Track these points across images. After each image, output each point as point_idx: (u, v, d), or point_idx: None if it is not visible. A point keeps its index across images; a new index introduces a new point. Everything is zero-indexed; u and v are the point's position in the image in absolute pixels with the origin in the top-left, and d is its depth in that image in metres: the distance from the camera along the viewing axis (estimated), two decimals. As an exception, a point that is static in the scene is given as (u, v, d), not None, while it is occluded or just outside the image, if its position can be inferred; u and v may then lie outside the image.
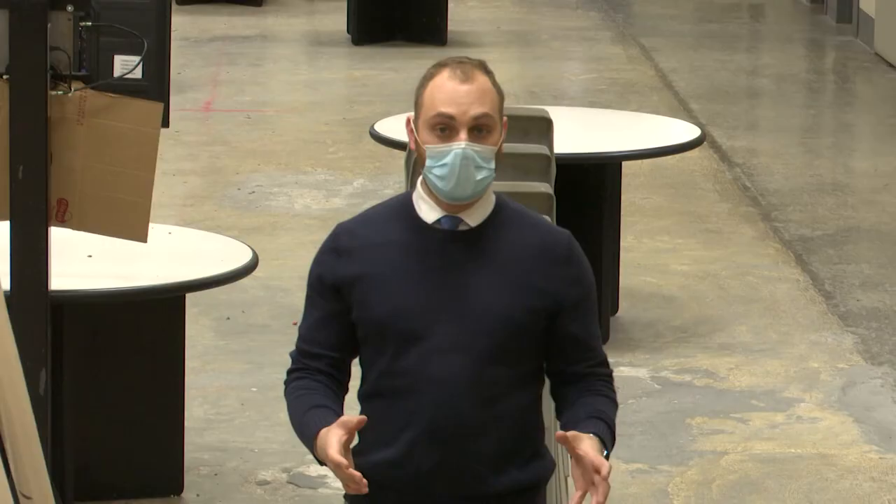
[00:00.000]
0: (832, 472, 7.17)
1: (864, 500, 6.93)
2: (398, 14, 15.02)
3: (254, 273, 6.98)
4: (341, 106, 12.95)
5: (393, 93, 12.72)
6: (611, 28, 16.28)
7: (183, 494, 6.77)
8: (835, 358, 8.35)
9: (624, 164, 8.71)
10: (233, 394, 7.68)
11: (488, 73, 3.94)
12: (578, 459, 3.75)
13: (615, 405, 4.02)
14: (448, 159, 3.82)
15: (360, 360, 3.99)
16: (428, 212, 3.92)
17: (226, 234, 7.56)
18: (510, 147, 7.33)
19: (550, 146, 7.41)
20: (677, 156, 9.24)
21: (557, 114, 7.73)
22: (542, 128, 7.45)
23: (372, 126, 8.62)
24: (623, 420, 7.25)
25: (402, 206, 3.98)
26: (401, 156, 8.09)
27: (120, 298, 6.57)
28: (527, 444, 3.97)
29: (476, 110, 3.86)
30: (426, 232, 3.92)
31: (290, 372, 4.02)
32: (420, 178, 3.94)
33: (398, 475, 3.88)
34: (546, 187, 7.30)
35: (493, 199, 3.97)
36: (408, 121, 3.94)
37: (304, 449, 3.90)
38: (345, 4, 15.44)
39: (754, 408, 7.77)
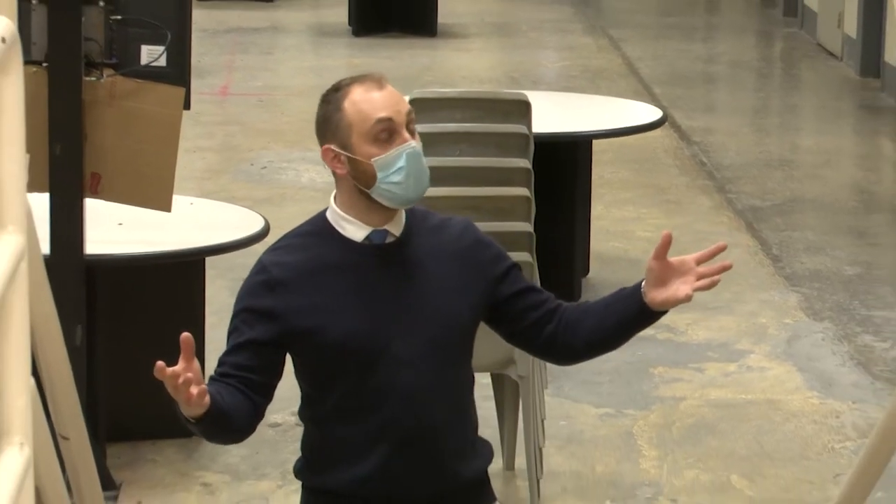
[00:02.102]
0: (778, 415, 7.19)
1: (806, 440, 6.95)
2: (393, 8, 14.99)
3: (265, 239, 6.97)
4: (342, 90, 12.94)
5: (390, 79, 12.69)
6: (582, 20, 16.25)
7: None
8: (781, 314, 8.36)
9: (594, 142, 8.70)
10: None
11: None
12: (675, 267, 3.78)
13: None
14: (402, 162, 3.62)
15: (307, 385, 3.79)
16: (354, 231, 3.71)
17: (240, 205, 7.56)
18: (494, 127, 7.36)
19: (529, 126, 7.40)
20: (641, 135, 9.23)
21: (535, 97, 7.71)
22: (522, 110, 7.45)
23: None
24: (592, 369, 7.31)
25: (323, 229, 3.77)
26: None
27: (146, 262, 6.57)
28: (474, 436, 3.88)
29: (405, 108, 3.68)
30: (356, 250, 3.70)
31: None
32: (333, 198, 3.76)
33: (372, 488, 3.70)
34: (525, 163, 7.30)
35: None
36: (325, 150, 3.68)
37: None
38: (346, 0, 15.45)
39: (709, 359, 7.79)
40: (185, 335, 3.50)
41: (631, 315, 3.72)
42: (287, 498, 6.22)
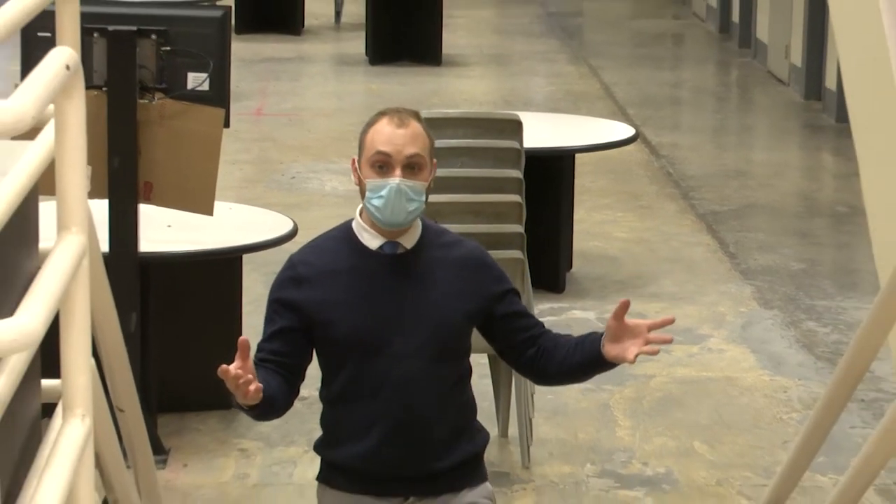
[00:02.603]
0: (735, 390, 7.18)
1: (758, 412, 6.94)
2: (404, 40, 14.95)
3: (294, 239, 6.98)
4: (360, 111, 12.89)
5: (400, 101, 12.66)
6: (567, 52, 16.23)
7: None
8: (737, 304, 8.35)
9: (576, 155, 8.67)
10: (277, 331, 7.70)
11: (420, 120, 3.73)
12: (630, 329, 3.63)
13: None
14: (384, 192, 3.61)
15: (322, 369, 3.79)
16: (370, 240, 3.70)
17: (272, 210, 7.55)
18: (490, 142, 7.35)
19: (521, 142, 7.39)
20: (617, 149, 9.20)
21: (526, 117, 7.69)
22: (514, 128, 7.43)
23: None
24: (575, 351, 7.28)
25: (346, 236, 3.75)
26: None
27: (192, 258, 6.56)
28: (468, 424, 3.82)
29: (409, 150, 3.64)
30: (371, 257, 3.70)
31: None
32: (359, 210, 3.75)
33: (369, 464, 3.70)
34: (517, 174, 7.28)
35: (419, 223, 3.75)
36: (352, 161, 3.76)
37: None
38: (363, 33, 15.40)
39: (676, 342, 7.71)
40: (243, 339, 3.52)
41: (590, 359, 3.68)
42: (312, 462, 6.19)
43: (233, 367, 3.47)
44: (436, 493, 3.73)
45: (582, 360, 3.70)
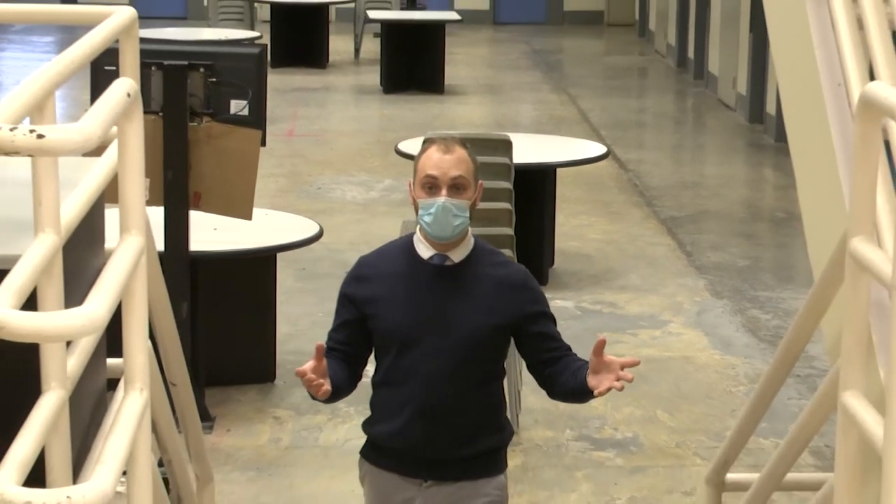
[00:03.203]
0: (691, 367, 7.18)
1: (711, 385, 6.93)
2: (413, 73, 14.92)
3: (320, 240, 7.00)
4: (376, 133, 12.91)
5: (409, 125, 12.69)
6: (549, 83, 16.20)
7: (275, 381, 6.80)
8: (692, 295, 8.35)
9: (557, 170, 8.68)
10: (306, 317, 7.68)
11: (465, 147, 3.69)
12: (606, 364, 3.51)
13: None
14: (433, 210, 3.55)
15: (375, 356, 3.74)
16: (424, 250, 3.62)
17: (301, 215, 7.54)
18: (485, 158, 7.33)
19: (510, 158, 7.39)
20: (592, 165, 9.20)
21: (515, 137, 7.69)
22: (505, 147, 7.43)
23: (396, 146, 8.59)
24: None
25: (406, 245, 3.68)
26: (412, 167, 8.07)
27: (234, 256, 6.56)
28: (491, 420, 3.72)
29: (453, 173, 3.58)
30: (421, 266, 3.63)
31: None
32: (417, 226, 3.67)
33: (396, 442, 3.64)
34: (508, 185, 7.28)
35: (472, 241, 3.67)
36: (409, 184, 3.69)
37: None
38: (378, 67, 15.37)
39: (641, 326, 7.78)
40: (319, 344, 3.51)
41: (580, 388, 3.57)
42: (335, 428, 6.20)
43: (308, 369, 3.46)
44: (452, 478, 3.64)
45: (574, 387, 3.61)
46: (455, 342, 3.56)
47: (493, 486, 3.68)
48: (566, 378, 3.64)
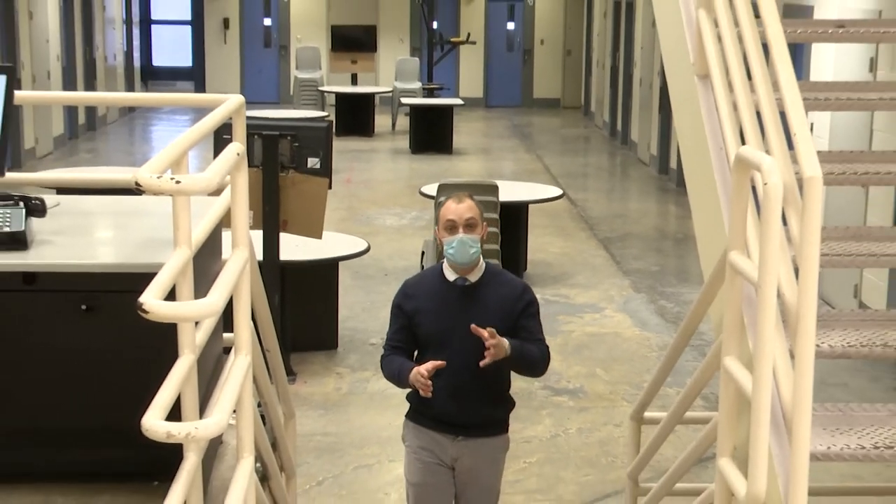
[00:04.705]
0: (620, 339, 7.17)
1: (633, 352, 6.93)
2: (431, 139, 14.95)
3: (367, 253, 6.99)
4: (406, 180, 12.92)
5: (428, 174, 12.70)
6: (524, 147, 16.18)
7: (337, 349, 6.80)
8: (620, 290, 8.34)
9: (529, 206, 8.71)
10: (358, 304, 7.70)
11: (472, 197, 3.57)
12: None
13: (540, 354, 3.50)
14: (454, 244, 3.44)
15: (417, 350, 3.58)
16: (450, 275, 3.49)
17: (355, 236, 7.57)
18: (480, 197, 7.32)
19: (497, 197, 7.40)
20: (552, 202, 9.21)
21: (500, 183, 7.72)
22: (494, 189, 7.44)
23: (419, 189, 8.62)
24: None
25: (438, 272, 3.53)
26: (432, 203, 8.09)
27: (310, 263, 6.58)
28: (502, 396, 3.58)
29: (467, 215, 3.48)
30: (449, 285, 3.49)
31: (383, 356, 3.57)
32: (444, 258, 3.52)
33: (433, 410, 3.50)
34: (495, 216, 7.29)
35: (483, 265, 3.53)
36: (435, 231, 3.51)
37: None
38: (408, 135, 15.37)
39: (585, 311, 7.77)
40: (441, 363, 3.39)
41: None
42: (377, 382, 6.19)
43: (424, 373, 3.37)
44: (474, 435, 3.54)
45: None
46: (475, 342, 3.39)
47: (502, 440, 3.61)
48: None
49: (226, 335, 2.84)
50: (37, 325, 2.34)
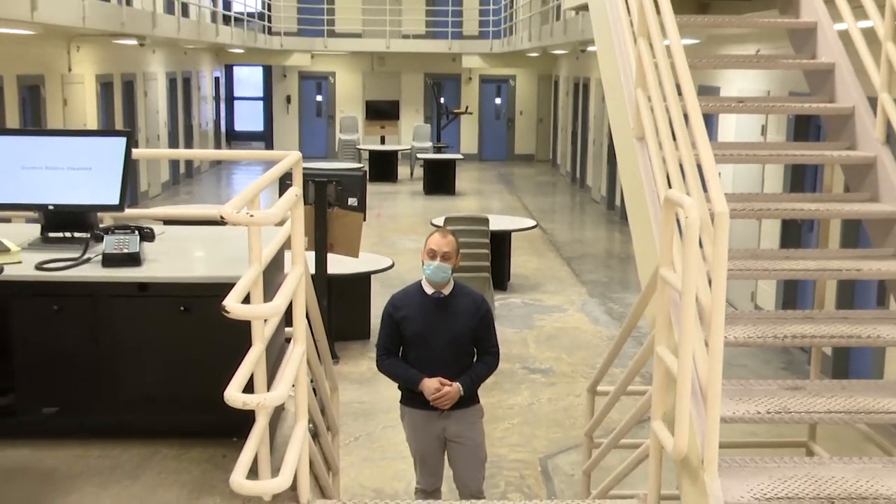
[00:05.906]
0: (578, 332, 7.13)
1: (589, 341, 6.89)
2: (439, 184, 14.96)
3: (392, 268, 6.97)
4: (421, 214, 12.90)
5: (437, 210, 12.66)
6: (507, 190, 16.15)
7: (369, 338, 6.75)
8: (580, 296, 8.30)
9: (512, 234, 8.68)
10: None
11: (453, 235, 3.44)
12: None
13: (487, 368, 3.38)
14: (432, 268, 3.34)
15: (403, 349, 3.43)
16: (428, 289, 3.39)
17: (383, 256, 7.54)
18: (474, 227, 7.29)
19: (488, 227, 7.37)
20: (528, 231, 9.19)
21: (491, 217, 7.70)
22: (485, 221, 7.42)
23: (431, 221, 8.60)
24: (512, 316, 7.24)
25: (418, 286, 3.42)
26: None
27: (349, 276, 6.55)
28: None
29: (445, 249, 3.36)
30: (428, 298, 3.38)
31: (380, 357, 3.40)
32: (424, 276, 3.41)
33: (420, 395, 3.38)
34: (486, 240, 7.26)
35: (453, 283, 3.41)
36: (421, 250, 3.40)
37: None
38: (423, 181, 15.36)
39: (554, 312, 7.74)
40: (457, 386, 3.29)
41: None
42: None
43: (438, 386, 3.31)
44: (454, 408, 3.42)
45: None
46: (448, 342, 3.35)
47: (476, 409, 3.51)
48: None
49: (287, 329, 2.84)
50: (148, 322, 2.42)
